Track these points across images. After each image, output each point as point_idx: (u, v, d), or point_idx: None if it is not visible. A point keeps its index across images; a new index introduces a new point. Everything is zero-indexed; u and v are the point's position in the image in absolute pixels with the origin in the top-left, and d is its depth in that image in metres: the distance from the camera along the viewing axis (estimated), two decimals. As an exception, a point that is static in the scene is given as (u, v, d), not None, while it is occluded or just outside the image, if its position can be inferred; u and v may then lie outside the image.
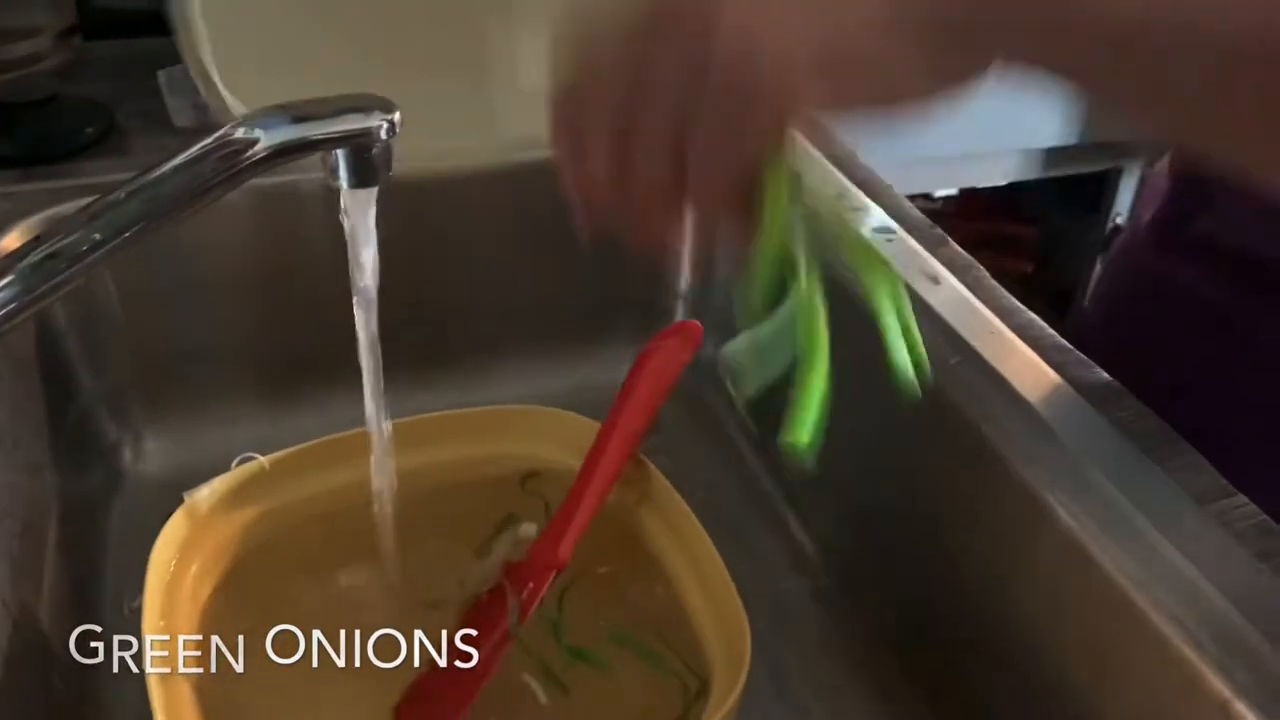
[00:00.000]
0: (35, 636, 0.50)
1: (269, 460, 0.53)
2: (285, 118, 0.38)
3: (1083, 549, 0.45)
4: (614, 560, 0.55)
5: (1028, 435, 0.49)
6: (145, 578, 0.48)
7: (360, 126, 0.38)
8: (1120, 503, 0.45)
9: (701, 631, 0.51)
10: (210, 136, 0.39)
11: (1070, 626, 0.47)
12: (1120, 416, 0.50)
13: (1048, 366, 0.53)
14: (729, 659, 0.48)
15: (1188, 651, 0.41)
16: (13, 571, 0.49)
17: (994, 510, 0.51)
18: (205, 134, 0.39)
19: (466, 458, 0.58)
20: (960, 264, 0.60)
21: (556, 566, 0.52)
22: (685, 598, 0.53)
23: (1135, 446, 0.48)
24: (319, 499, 0.55)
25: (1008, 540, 0.50)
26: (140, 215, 0.39)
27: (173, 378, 0.66)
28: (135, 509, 0.62)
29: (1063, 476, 0.47)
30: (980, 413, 0.51)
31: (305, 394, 0.67)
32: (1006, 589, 0.50)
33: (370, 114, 0.38)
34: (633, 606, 0.54)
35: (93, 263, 0.39)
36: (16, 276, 0.38)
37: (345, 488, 0.54)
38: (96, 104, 0.68)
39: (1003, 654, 0.51)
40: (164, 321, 0.65)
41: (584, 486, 0.53)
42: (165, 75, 0.70)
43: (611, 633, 0.52)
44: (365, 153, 0.39)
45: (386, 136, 0.39)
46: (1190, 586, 0.42)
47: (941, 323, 0.56)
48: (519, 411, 0.59)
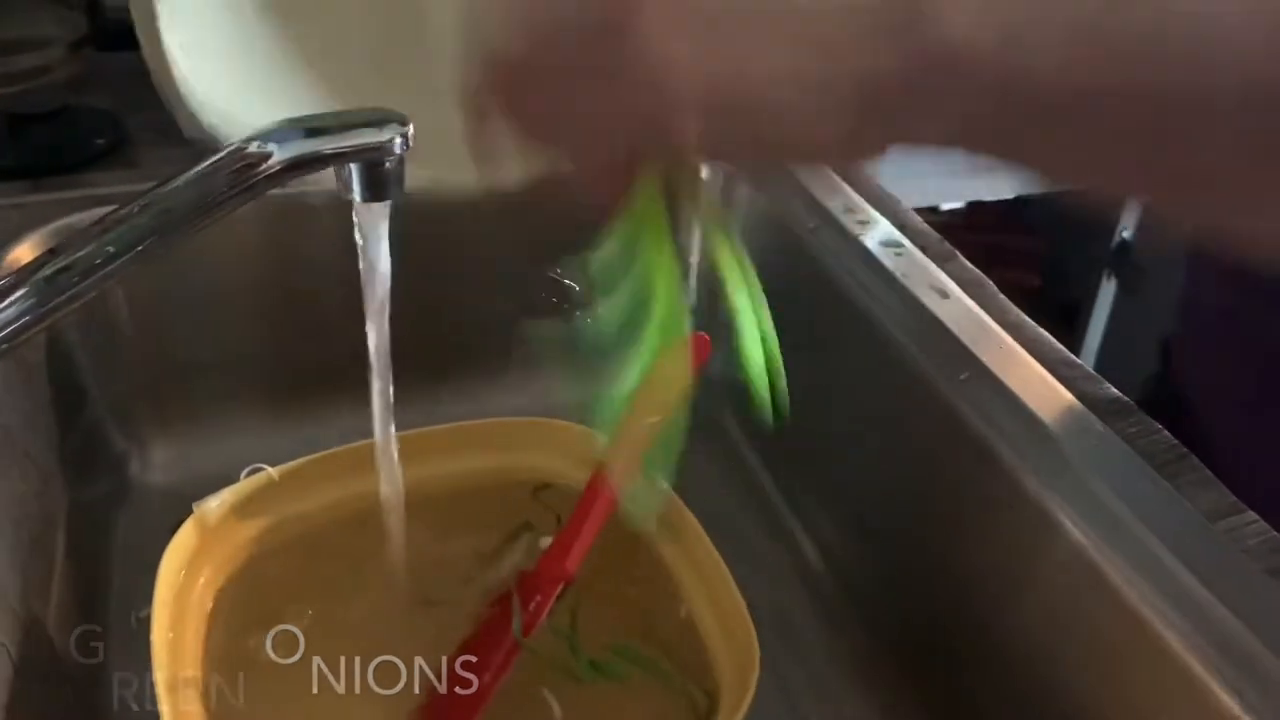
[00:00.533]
0: (45, 645, 0.50)
1: (278, 471, 0.53)
2: (299, 132, 0.38)
3: (1091, 564, 0.45)
4: (622, 573, 0.55)
5: (1036, 450, 0.49)
6: (154, 587, 0.48)
7: (374, 141, 0.38)
8: (1129, 518, 0.45)
9: (710, 645, 0.51)
10: (223, 150, 0.39)
11: (1077, 642, 0.47)
12: (1129, 432, 0.50)
13: (1056, 381, 0.53)
14: (737, 672, 0.48)
15: (1197, 668, 0.41)
16: (23, 581, 0.49)
17: (1001, 525, 0.51)
18: (215, 147, 0.39)
19: (475, 470, 0.58)
20: (968, 278, 0.61)
21: (564, 579, 0.52)
22: (693, 611, 0.53)
23: (1144, 462, 0.48)
24: (328, 510, 0.55)
25: (1015, 555, 0.50)
26: (153, 229, 0.39)
27: (181, 388, 0.66)
28: (143, 519, 0.63)
29: (1071, 491, 0.47)
30: (988, 427, 0.51)
31: (313, 405, 0.67)
32: (1013, 604, 0.50)
33: (384, 128, 0.39)
34: (640, 620, 0.54)
35: (106, 276, 0.39)
36: (30, 289, 0.38)
37: (354, 499, 0.54)
38: (107, 115, 0.68)
39: (1009, 669, 0.51)
40: (172, 332, 0.65)
41: (592, 499, 0.53)
42: (176, 87, 0.71)
43: (617, 647, 0.52)
44: (379, 167, 0.39)
45: (400, 151, 0.39)
46: (1199, 603, 0.42)
47: (950, 337, 0.56)
48: (527, 424, 0.59)
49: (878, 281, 0.60)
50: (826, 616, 0.61)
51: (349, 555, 0.54)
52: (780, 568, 0.64)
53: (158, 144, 0.68)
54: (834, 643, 0.59)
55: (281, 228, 0.65)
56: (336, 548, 0.54)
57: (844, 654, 0.59)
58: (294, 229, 0.65)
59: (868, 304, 0.59)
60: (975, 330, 0.56)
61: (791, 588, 0.62)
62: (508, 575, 0.53)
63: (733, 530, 0.55)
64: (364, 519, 0.53)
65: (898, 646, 0.58)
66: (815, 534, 0.65)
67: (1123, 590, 0.44)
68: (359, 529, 0.53)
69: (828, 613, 0.61)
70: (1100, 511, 0.46)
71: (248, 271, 0.65)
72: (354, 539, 0.54)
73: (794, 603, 0.61)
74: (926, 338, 0.56)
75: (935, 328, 0.56)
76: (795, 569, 0.64)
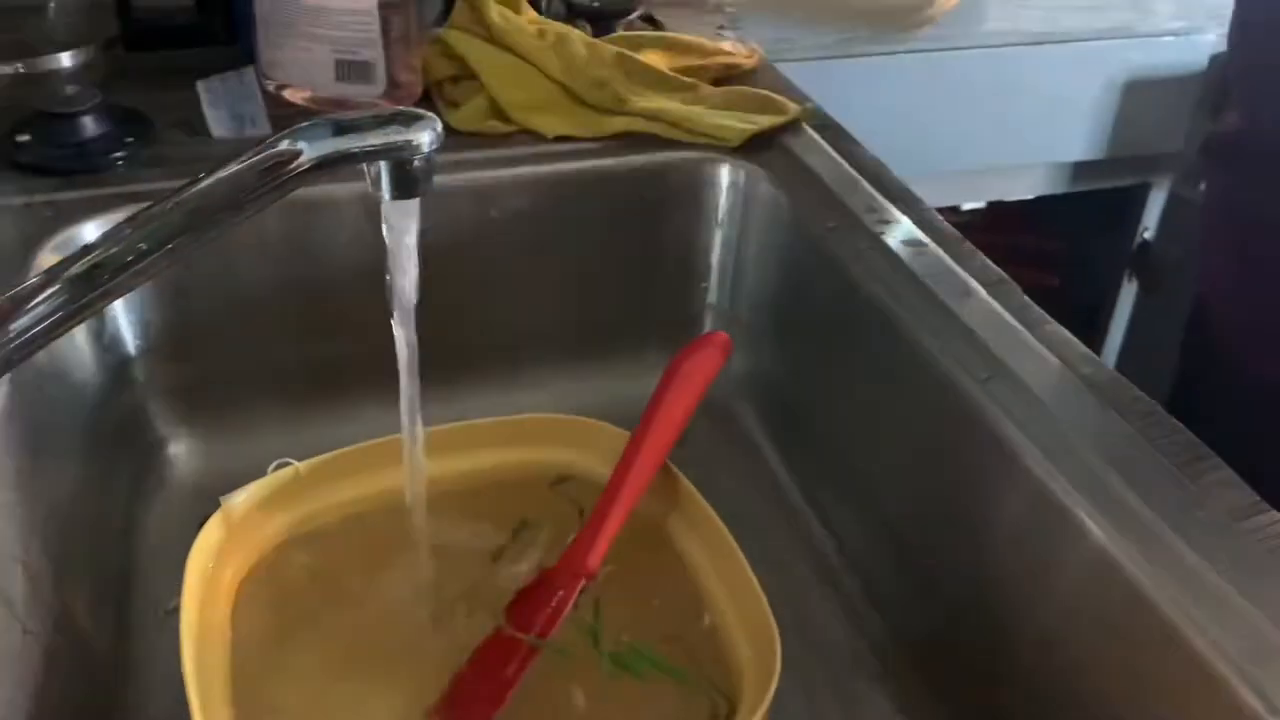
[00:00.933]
0: (74, 635, 0.51)
1: (304, 465, 0.54)
2: (329, 129, 0.39)
3: (1114, 563, 0.45)
4: (643, 570, 0.55)
5: (1057, 449, 0.49)
6: (181, 580, 0.48)
7: (403, 139, 0.39)
8: (1152, 517, 0.45)
9: (730, 643, 0.51)
10: (255, 148, 0.39)
11: (1101, 642, 0.47)
12: (1152, 431, 0.50)
13: (1078, 380, 0.53)
14: (758, 671, 0.49)
15: (1221, 668, 0.40)
16: (54, 572, 0.50)
17: (1023, 524, 0.51)
18: (243, 144, 0.40)
19: (498, 465, 0.58)
20: (990, 277, 0.61)
21: (586, 575, 0.52)
22: (714, 608, 0.53)
23: (1167, 461, 0.48)
24: (353, 504, 0.55)
25: (1037, 554, 0.50)
26: (185, 226, 0.39)
27: (209, 383, 0.67)
28: (171, 513, 0.63)
29: (1094, 491, 0.47)
30: (1010, 426, 0.51)
31: (338, 401, 0.67)
32: (1035, 603, 0.50)
33: (413, 126, 0.39)
34: (660, 616, 0.54)
35: (137, 273, 0.39)
36: (62, 287, 0.39)
37: (379, 493, 0.54)
38: (137, 114, 0.69)
39: (1031, 669, 0.51)
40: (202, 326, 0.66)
41: (614, 496, 0.54)
42: (204, 86, 0.71)
43: (638, 644, 0.52)
44: (408, 165, 0.40)
45: (429, 149, 0.39)
46: (1224, 602, 0.42)
47: (972, 336, 0.56)
48: (550, 420, 0.60)
49: (899, 280, 0.60)
50: (845, 613, 0.61)
51: (374, 549, 0.55)
52: (800, 567, 0.64)
53: (186, 142, 0.69)
54: (854, 640, 0.60)
55: (310, 224, 0.65)
56: (361, 541, 0.55)
57: (864, 651, 0.59)
58: (323, 225, 0.65)
59: (889, 303, 0.59)
60: (997, 329, 0.56)
61: (811, 586, 0.63)
62: (530, 569, 0.54)
63: (753, 528, 0.55)
64: (388, 513, 0.53)
65: (918, 646, 0.58)
66: (835, 532, 0.65)
67: (1145, 590, 0.44)
68: (384, 523, 0.54)
69: (847, 609, 0.61)
70: (1123, 509, 0.46)
71: (275, 268, 0.66)
72: (379, 533, 0.54)
73: (814, 602, 0.62)
74: (948, 337, 0.56)
75: (957, 327, 0.57)
76: (815, 568, 0.64)
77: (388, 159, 0.40)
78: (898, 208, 0.67)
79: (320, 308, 0.67)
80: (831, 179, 0.69)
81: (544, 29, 0.77)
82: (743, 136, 0.71)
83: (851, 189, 0.68)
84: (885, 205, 0.67)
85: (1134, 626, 0.44)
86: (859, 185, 0.69)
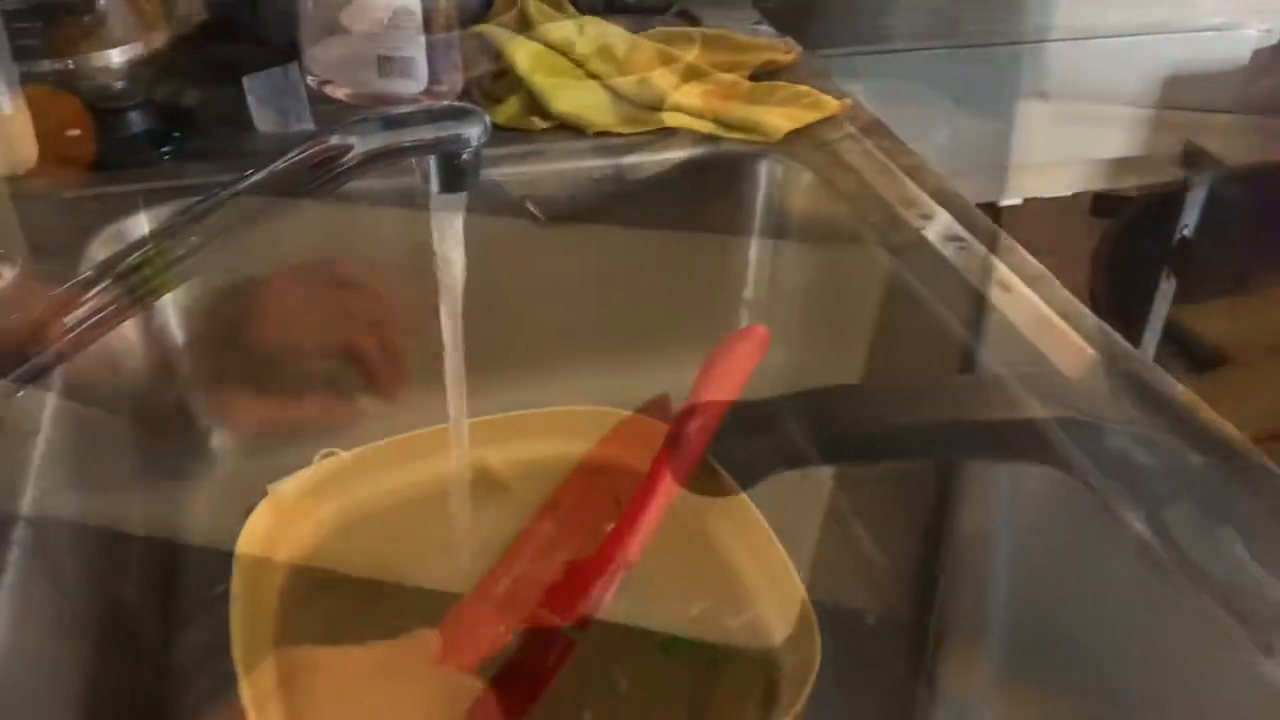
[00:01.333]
0: (125, 620, 0.52)
1: (350, 455, 0.55)
2: (379, 124, 0.39)
3: (1160, 562, 0.45)
4: (682, 561, 0.55)
5: (1097, 444, 0.49)
6: (227, 566, 0.49)
7: (452, 133, 0.39)
8: (1199, 515, 0.45)
9: (770, 635, 0.52)
10: (306, 143, 0.40)
11: (1139, 637, 0.47)
12: (1196, 427, 0.50)
13: (1121, 375, 0.53)
14: (797, 664, 0.49)
15: (1264, 664, 0.40)
16: (103, 558, 0.51)
17: (1062, 519, 0.51)
18: (288, 139, 0.41)
19: (539, 456, 0.59)
20: (1030, 272, 0.60)
21: (625, 565, 0.53)
22: (753, 600, 0.53)
23: (1214, 457, 0.48)
24: (398, 492, 0.56)
25: (1081, 553, 0.50)
26: (237, 219, 0.40)
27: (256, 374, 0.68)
28: (219, 500, 0.64)
29: (1133, 485, 0.47)
30: (1050, 420, 0.51)
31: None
32: (1081, 603, 0.50)
33: (462, 120, 0.39)
34: (700, 607, 0.54)
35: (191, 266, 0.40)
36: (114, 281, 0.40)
37: (423, 482, 0.55)
38: (184, 109, 0.70)
39: (1076, 670, 0.51)
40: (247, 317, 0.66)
41: (652, 487, 0.54)
42: (249, 81, 0.72)
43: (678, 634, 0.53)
44: (456, 159, 0.40)
45: (478, 142, 0.40)
46: (1266, 598, 0.42)
47: (1013, 330, 0.56)
48: (590, 412, 0.60)
49: (939, 275, 0.60)
50: (886, 613, 0.61)
51: (418, 536, 0.55)
52: (838, 559, 0.64)
53: (232, 137, 0.70)
54: (895, 639, 0.60)
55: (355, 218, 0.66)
56: (406, 529, 0.56)
57: (904, 651, 0.59)
58: (368, 219, 0.66)
59: (929, 297, 0.59)
60: (1038, 324, 0.56)
61: (851, 584, 0.63)
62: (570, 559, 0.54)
63: (790, 522, 0.55)
64: (432, 502, 0.54)
65: (956, 639, 0.58)
66: (872, 526, 0.65)
67: (1185, 585, 0.43)
68: (428, 512, 0.54)
69: (888, 609, 0.61)
70: (1169, 506, 0.46)
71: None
72: (423, 521, 0.55)
73: (854, 598, 0.62)
74: (988, 331, 0.56)
75: (998, 321, 0.56)
76: (853, 561, 0.64)
77: (436, 153, 0.40)
78: (939, 202, 0.66)
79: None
80: (871, 174, 0.69)
81: (583, 24, 0.77)
82: (782, 131, 0.71)
83: (891, 184, 0.68)
84: (925, 200, 0.67)
85: (1173, 621, 0.44)
86: (898, 180, 0.69)
